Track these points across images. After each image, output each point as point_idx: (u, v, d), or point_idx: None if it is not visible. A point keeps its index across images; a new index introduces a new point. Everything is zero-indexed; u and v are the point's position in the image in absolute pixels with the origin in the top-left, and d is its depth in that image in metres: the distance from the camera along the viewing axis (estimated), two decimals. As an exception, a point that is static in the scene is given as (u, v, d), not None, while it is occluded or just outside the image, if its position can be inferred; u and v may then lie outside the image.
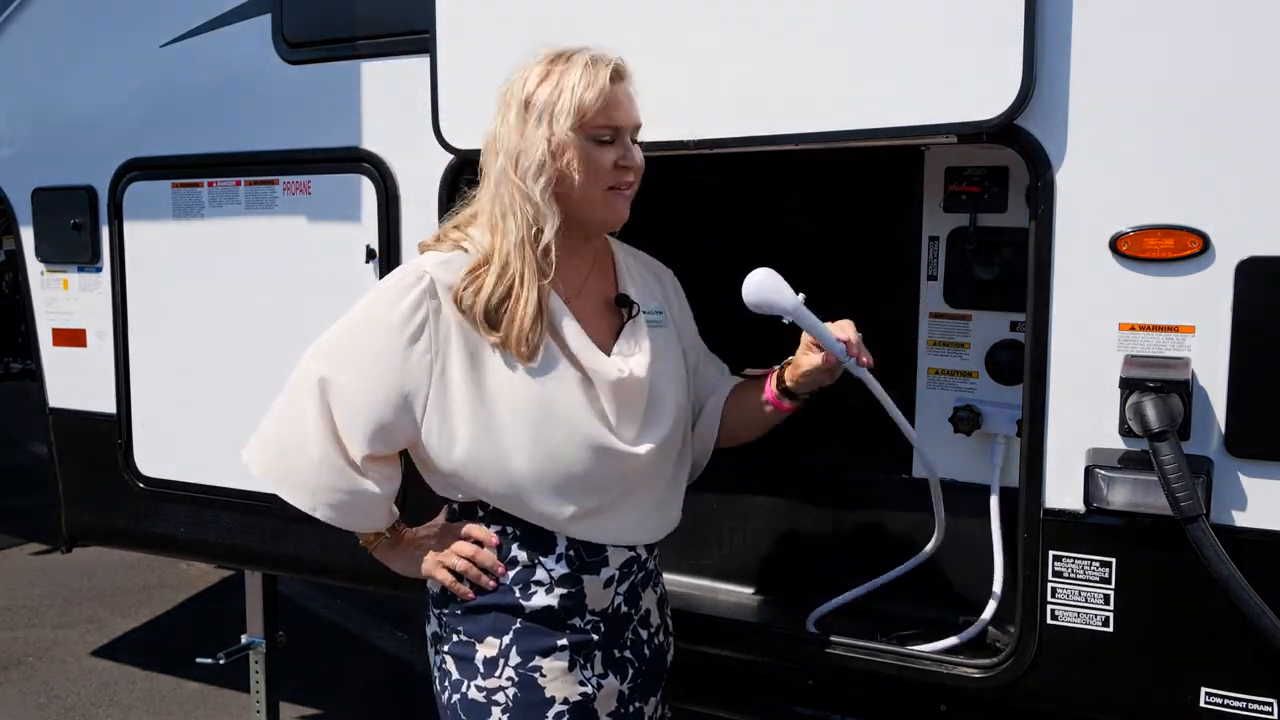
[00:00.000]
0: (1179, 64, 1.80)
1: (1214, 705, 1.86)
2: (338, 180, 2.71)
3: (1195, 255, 1.81)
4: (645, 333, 1.90)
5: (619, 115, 1.81)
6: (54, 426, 3.29)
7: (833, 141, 2.03)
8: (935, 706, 2.25)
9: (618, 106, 1.80)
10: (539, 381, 1.78)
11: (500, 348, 1.78)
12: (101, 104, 3.08)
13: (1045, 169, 1.89)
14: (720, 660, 2.38)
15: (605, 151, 1.80)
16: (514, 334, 1.76)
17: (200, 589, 5.56)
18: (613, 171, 1.81)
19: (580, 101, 1.76)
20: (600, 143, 1.80)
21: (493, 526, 1.86)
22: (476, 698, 1.84)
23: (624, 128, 1.82)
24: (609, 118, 1.79)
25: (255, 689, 3.53)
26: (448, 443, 1.80)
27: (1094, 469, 1.87)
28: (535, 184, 1.77)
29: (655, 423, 1.88)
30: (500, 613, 1.84)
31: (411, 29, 2.49)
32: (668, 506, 1.97)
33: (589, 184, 1.80)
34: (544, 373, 1.78)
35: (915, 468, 2.43)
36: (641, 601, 1.95)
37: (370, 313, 1.83)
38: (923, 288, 2.37)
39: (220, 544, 3.06)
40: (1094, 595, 1.92)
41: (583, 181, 1.79)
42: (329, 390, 1.82)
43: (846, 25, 1.98)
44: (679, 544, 2.54)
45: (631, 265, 2.00)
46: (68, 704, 4.32)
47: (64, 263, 3.21)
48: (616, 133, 1.81)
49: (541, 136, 1.77)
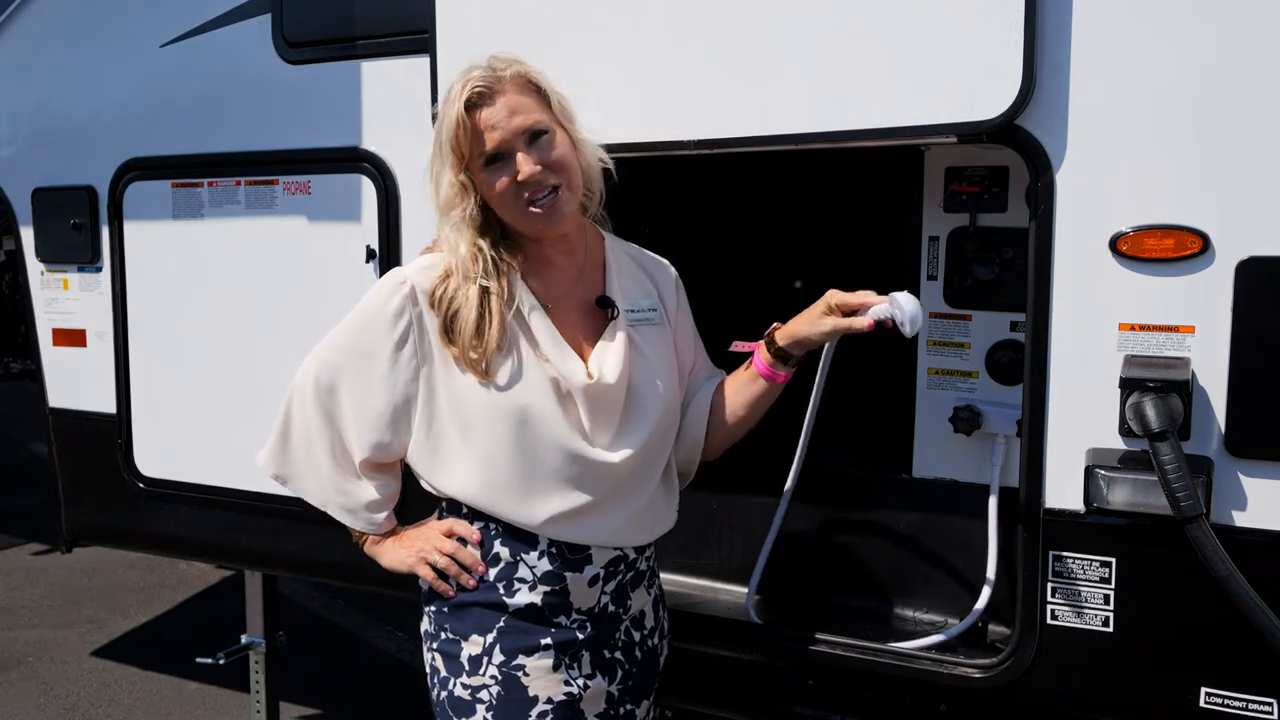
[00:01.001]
0: (1179, 64, 1.80)
1: (1214, 705, 1.86)
2: (338, 180, 2.71)
3: (1195, 255, 1.81)
4: (624, 335, 1.88)
5: (492, 137, 1.75)
6: (54, 426, 3.29)
7: (833, 141, 2.03)
8: (935, 706, 2.25)
9: (490, 128, 1.75)
10: (511, 388, 1.79)
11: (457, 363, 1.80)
12: (101, 104, 3.09)
13: (1045, 169, 1.89)
14: (720, 660, 2.38)
15: (499, 174, 1.77)
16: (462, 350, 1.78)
17: (200, 589, 5.56)
18: (514, 191, 1.78)
19: (452, 140, 1.75)
20: (491, 169, 1.77)
21: (476, 523, 1.87)
22: (462, 695, 1.84)
23: (505, 147, 1.76)
24: (481, 144, 1.76)
25: (255, 689, 3.54)
26: (432, 448, 1.85)
27: (1094, 469, 1.87)
28: (446, 220, 1.80)
29: (634, 428, 1.86)
30: (485, 610, 1.85)
31: (411, 29, 2.49)
32: (656, 509, 1.95)
33: (503, 210, 1.81)
34: (516, 379, 1.79)
35: (915, 467, 2.43)
36: (632, 602, 1.94)
37: (360, 322, 1.87)
38: (923, 288, 2.37)
39: (220, 544, 3.07)
40: (1094, 595, 1.92)
41: (499, 208, 1.81)
42: (327, 397, 1.88)
43: (846, 25, 1.98)
44: (679, 544, 2.54)
45: (624, 264, 1.99)
46: (68, 704, 4.32)
47: (64, 263, 3.21)
48: (498, 153, 1.77)
49: (444, 179, 1.79)
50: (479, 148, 1.76)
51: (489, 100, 1.76)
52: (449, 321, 1.79)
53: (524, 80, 1.80)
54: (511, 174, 1.77)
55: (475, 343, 1.77)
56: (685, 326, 2.07)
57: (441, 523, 1.91)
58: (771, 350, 1.93)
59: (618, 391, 1.84)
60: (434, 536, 1.89)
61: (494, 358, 1.78)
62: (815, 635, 2.23)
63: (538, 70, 1.83)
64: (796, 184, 2.89)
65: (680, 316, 2.06)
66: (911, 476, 2.43)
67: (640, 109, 2.14)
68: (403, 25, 2.53)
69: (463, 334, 1.78)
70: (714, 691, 2.49)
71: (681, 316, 2.06)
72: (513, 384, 1.79)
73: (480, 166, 1.78)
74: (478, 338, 1.77)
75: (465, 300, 1.78)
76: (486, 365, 1.77)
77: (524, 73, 1.81)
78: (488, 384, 1.78)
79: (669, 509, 2.00)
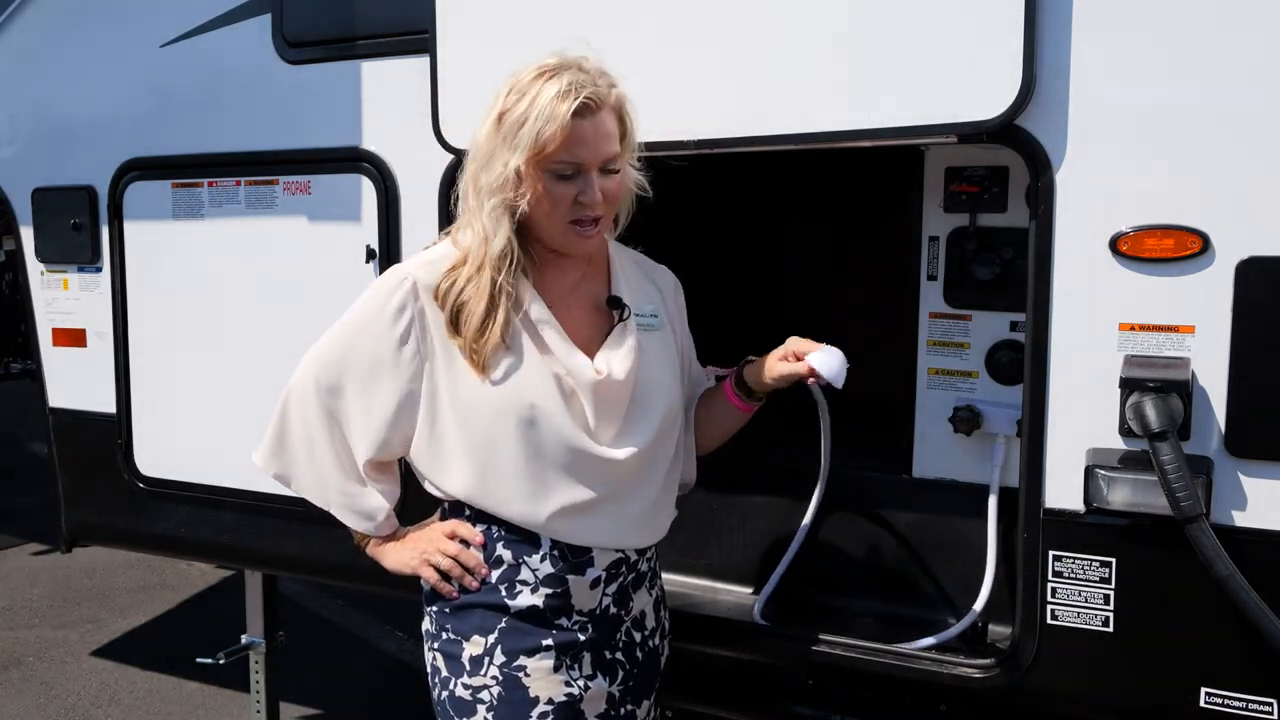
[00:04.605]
0: (1179, 64, 1.80)
1: (1214, 705, 1.86)
2: (338, 180, 2.71)
3: (1195, 255, 1.81)
4: (633, 336, 1.89)
5: (581, 152, 1.74)
6: (54, 426, 3.29)
7: (833, 141, 2.03)
8: (935, 706, 2.26)
9: (581, 143, 1.74)
10: (514, 385, 1.79)
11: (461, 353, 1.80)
12: (101, 104, 3.08)
13: (1045, 169, 1.89)
14: (720, 660, 2.38)
15: (564, 187, 1.76)
16: (466, 342, 1.78)
17: (200, 589, 5.56)
18: (571, 207, 1.77)
19: (538, 134, 1.71)
20: (560, 178, 1.75)
21: (479, 525, 1.86)
22: (463, 695, 1.84)
23: (586, 164, 1.76)
24: (570, 154, 1.74)
25: (255, 689, 3.54)
26: (435, 447, 1.84)
27: (1094, 469, 1.87)
28: (488, 202, 1.78)
29: (638, 427, 1.87)
30: (486, 611, 1.84)
31: (411, 29, 2.49)
32: (658, 512, 1.96)
33: (546, 216, 1.79)
34: (520, 375, 1.79)
35: (915, 467, 2.43)
36: (633, 603, 1.94)
37: (361, 317, 1.86)
38: (923, 288, 2.37)
39: (220, 544, 3.06)
40: (1094, 595, 1.92)
41: (540, 212, 1.78)
42: (328, 397, 1.88)
43: (847, 25, 1.98)
44: (679, 544, 2.54)
45: (628, 268, 1.99)
46: (68, 704, 4.32)
47: (64, 263, 3.21)
48: (578, 169, 1.76)
49: (501, 160, 1.75)
50: (563, 154, 1.73)
51: (590, 114, 1.74)
52: (455, 313, 1.79)
53: (619, 107, 1.80)
54: (575, 191, 1.76)
55: (480, 334, 1.77)
56: (684, 333, 2.09)
57: (444, 524, 1.91)
58: (737, 383, 1.99)
59: (625, 389, 1.84)
60: (437, 538, 1.89)
61: (497, 352, 1.78)
62: (815, 635, 2.23)
63: (630, 101, 1.83)
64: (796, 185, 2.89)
65: (681, 323, 2.07)
66: (911, 476, 2.44)
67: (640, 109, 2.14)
68: (403, 25, 2.52)
69: (469, 325, 1.77)
70: (714, 691, 2.49)
71: (681, 323, 2.08)
72: (516, 380, 1.79)
73: (547, 168, 1.75)
74: (483, 330, 1.77)
75: (476, 292, 1.77)
76: (489, 359, 1.77)
77: (622, 99, 1.81)
78: (490, 380, 1.78)
79: (669, 512, 2.01)
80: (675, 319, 2.05)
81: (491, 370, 1.78)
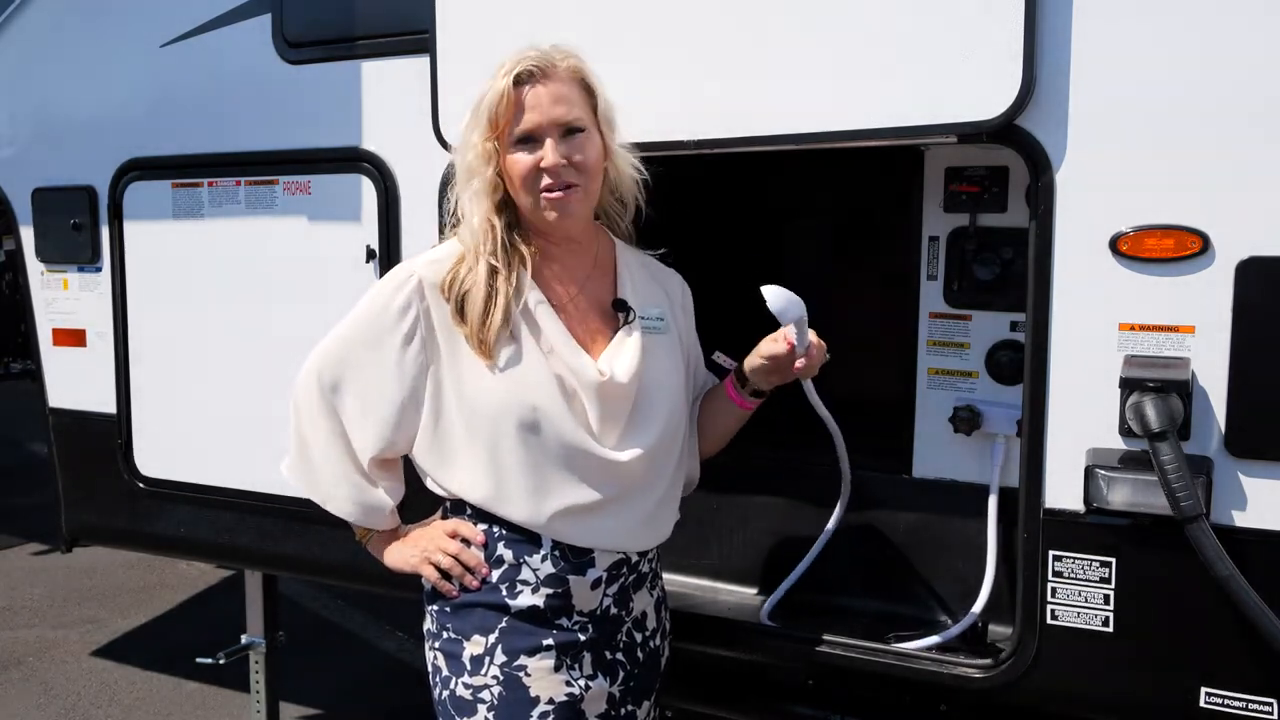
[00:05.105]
0: (1179, 64, 1.80)
1: (1214, 705, 1.86)
2: (338, 180, 2.71)
3: (1195, 255, 1.81)
4: (638, 338, 1.89)
5: (530, 116, 1.79)
6: (54, 426, 3.29)
7: (833, 141, 2.03)
8: (935, 706, 2.25)
9: (529, 108, 1.78)
10: (516, 385, 1.79)
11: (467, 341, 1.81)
12: (101, 104, 3.08)
13: (1045, 169, 1.89)
14: (720, 660, 2.38)
15: (524, 154, 1.80)
16: (471, 329, 1.79)
17: (200, 589, 5.56)
18: (533, 175, 1.80)
19: (491, 107, 1.78)
20: (519, 144, 1.80)
21: (480, 525, 1.87)
22: (464, 695, 1.85)
23: (538, 130, 1.79)
24: (520, 120, 1.78)
25: (255, 689, 3.54)
26: (439, 445, 1.85)
27: (1094, 469, 1.87)
28: (469, 186, 1.82)
29: (642, 430, 1.87)
30: (487, 610, 1.85)
31: (411, 29, 2.49)
32: (661, 514, 1.96)
33: (518, 191, 1.83)
34: (522, 375, 1.80)
35: (915, 467, 2.43)
36: (634, 604, 1.94)
37: (365, 317, 1.87)
38: (923, 288, 2.37)
39: (220, 544, 3.06)
40: (1094, 595, 1.92)
41: (514, 188, 1.83)
42: (332, 394, 1.88)
43: (847, 25, 1.98)
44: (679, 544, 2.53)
45: (636, 271, 2.00)
46: (68, 704, 4.32)
47: (64, 263, 3.21)
48: (532, 134, 1.79)
49: (471, 143, 1.81)
50: (514, 123, 1.78)
51: (537, 81, 1.79)
52: (460, 304, 1.80)
53: (577, 75, 1.83)
54: (536, 158, 1.79)
55: (483, 320, 1.78)
56: (692, 339, 2.09)
57: (446, 523, 1.91)
58: (737, 377, 2.00)
59: (628, 391, 1.85)
60: (438, 537, 1.89)
61: (501, 338, 1.79)
62: (815, 635, 2.23)
63: (593, 71, 1.85)
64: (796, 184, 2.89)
65: (688, 329, 2.08)
66: (911, 476, 2.43)
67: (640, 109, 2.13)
68: (403, 25, 2.53)
69: (472, 310, 1.79)
70: (714, 691, 2.49)
71: (689, 329, 2.08)
72: (518, 380, 1.79)
73: (510, 142, 1.80)
74: (486, 314, 1.78)
75: (475, 281, 1.79)
76: (494, 344, 1.78)
77: (579, 68, 1.84)
78: (494, 377, 1.79)
79: (673, 514, 2.01)
80: (682, 324, 2.05)
81: (497, 356, 1.79)
